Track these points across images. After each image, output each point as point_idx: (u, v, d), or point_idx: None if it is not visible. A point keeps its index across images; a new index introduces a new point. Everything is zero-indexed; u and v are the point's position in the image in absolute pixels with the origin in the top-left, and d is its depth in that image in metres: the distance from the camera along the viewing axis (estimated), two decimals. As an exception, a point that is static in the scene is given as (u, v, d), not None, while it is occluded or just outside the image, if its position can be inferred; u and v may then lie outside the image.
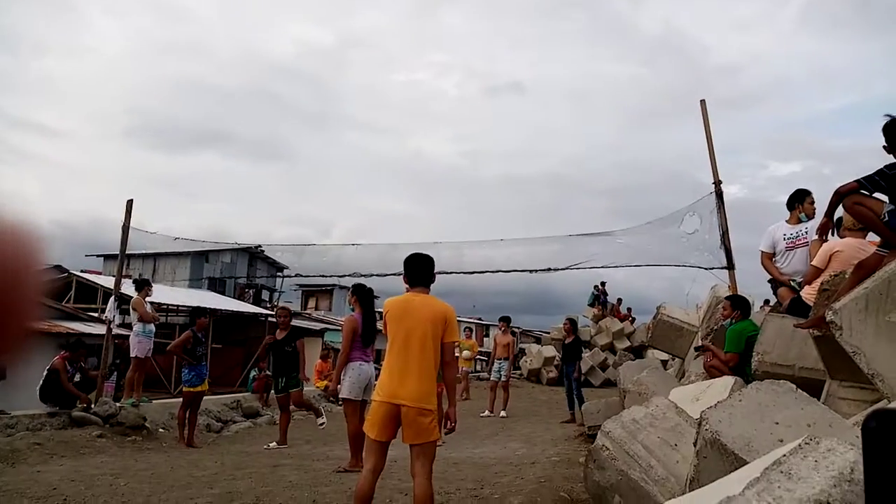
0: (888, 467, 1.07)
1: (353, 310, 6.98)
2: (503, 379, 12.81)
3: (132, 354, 9.84)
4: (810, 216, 6.17)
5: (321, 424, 8.46)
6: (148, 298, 10.23)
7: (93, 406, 8.97)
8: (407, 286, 4.15)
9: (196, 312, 9.38)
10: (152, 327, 9.95)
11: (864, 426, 1.13)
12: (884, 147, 3.82)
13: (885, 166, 3.78)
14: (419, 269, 4.13)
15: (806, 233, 6.01)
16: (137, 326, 9.89)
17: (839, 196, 3.92)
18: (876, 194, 3.81)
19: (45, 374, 8.63)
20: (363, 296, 6.95)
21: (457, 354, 11.46)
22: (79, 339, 10.16)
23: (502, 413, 12.38)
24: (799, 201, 6.28)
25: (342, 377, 6.69)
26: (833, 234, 4.64)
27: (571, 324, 12.29)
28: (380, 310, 7.48)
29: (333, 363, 11.63)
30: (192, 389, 8.55)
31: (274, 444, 8.45)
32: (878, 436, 1.09)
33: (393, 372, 3.82)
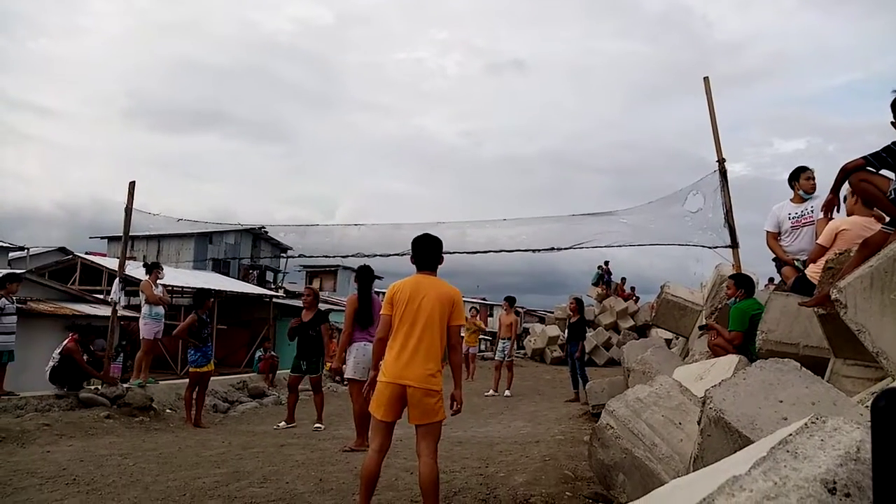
0: None
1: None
2: (507, 359, 12.86)
3: (141, 336, 9.92)
4: (808, 192, 6.13)
5: (316, 429, 8.28)
6: (159, 281, 10.29)
7: (100, 388, 9.05)
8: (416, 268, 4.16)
9: (201, 295, 9.41)
10: (160, 310, 10.01)
11: (874, 406, 1.12)
12: (891, 123, 3.78)
13: (893, 143, 3.74)
14: (427, 252, 4.14)
15: (812, 211, 5.98)
16: (145, 309, 9.95)
17: (845, 173, 3.89)
18: (882, 171, 3.78)
19: (58, 356, 8.68)
20: (359, 276, 7.05)
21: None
22: (89, 324, 10.23)
23: (506, 392, 12.45)
24: (795, 179, 6.26)
25: (347, 357, 6.72)
26: (838, 212, 4.61)
27: (578, 303, 12.23)
28: (380, 290, 7.49)
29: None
30: (197, 370, 8.61)
31: (283, 423, 8.50)
32: (888, 415, 1.09)
33: (399, 353, 3.86)
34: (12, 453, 6.32)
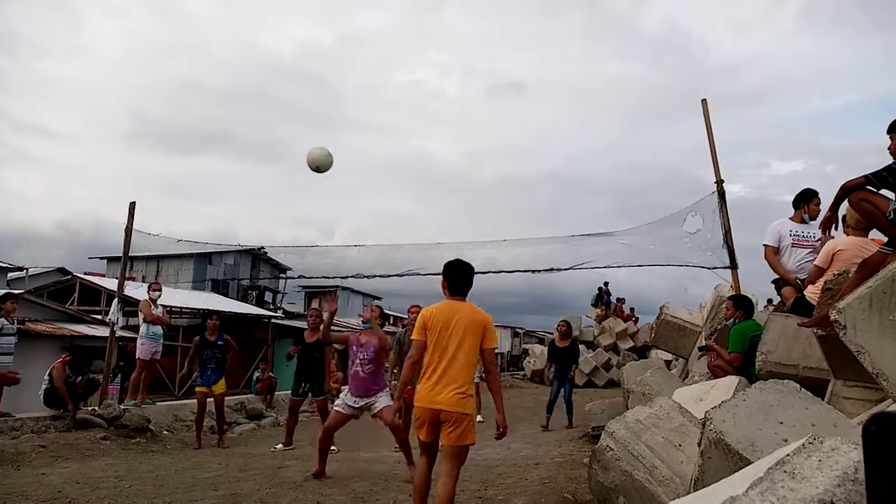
0: (890, 471, 1.06)
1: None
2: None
3: (137, 356, 9.87)
4: (814, 217, 6.13)
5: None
6: (159, 301, 10.26)
7: (97, 409, 8.99)
8: (446, 293, 4.19)
9: (205, 317, 9.48)
10: (158, 329, 9.96)
11: (865, 430, 1.12)
12: (888, 148, 3.82)
13: (893, 163, 3.76)
14: (460, 278, 4.18)
15: (814, 237, 5.96)
16: (143, 328, 9.91)
17: (845, 191, 3.90)
18: (882, 191, 3.79)
19: (47, 378, 8.63)
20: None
21: None
22: (79, 345, 10.15)
23: (478, 418, 12.12)
24: (805, 201, 6.23)
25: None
26: (836, 230, 4.62)
27: (569, 327, 11.89)
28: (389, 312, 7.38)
29: (337, 365, 11.51)
30: (197, 389, 8.79)
31: (280, 445, 8.43)
32: (879, 439, 1.09)
33: (430, 378, 3.95)
34: (7, 475, 6.26)
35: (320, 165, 7.26)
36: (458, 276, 4.18)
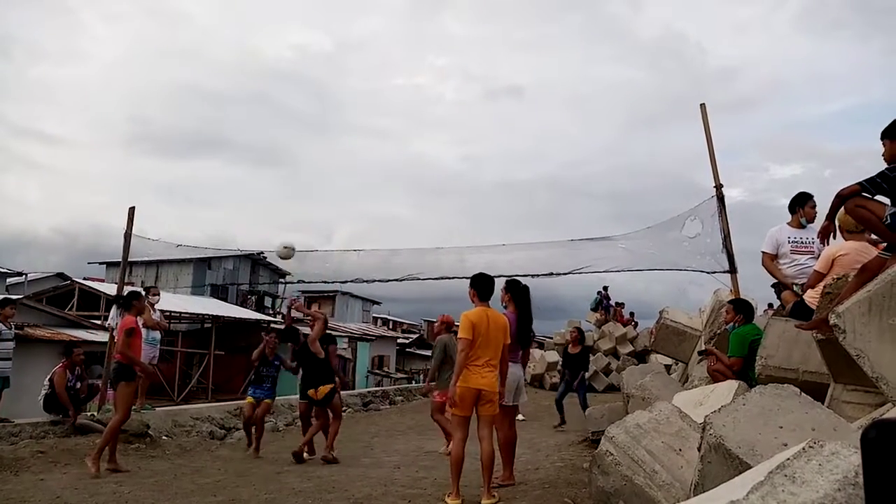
0: (888, 478, 1.06)
1: (505, 307, 6.09)
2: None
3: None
4: (810, 220, 6.15)
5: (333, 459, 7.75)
6: (157, 305, 10.24)
7: (96, 414, 8.97)
8: (475, 300, 5.31)
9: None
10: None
11: (864, 437, 1.12)
12: (882, 154, 3.84)
13: (887, 168, 3.77)
14: (487, 287, 5.38)
15: (812, 241, 5.98)
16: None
17: (841, 199, 3.91)
18: (878, 197, 3.80)
19: (47, 384, 8.61)
20: (519, 293, 6.11)
21: None
22: (71, 341, 10.11)
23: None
24: (800, 205, 6.27)
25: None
26: (835, 238, 4.63)
27: (580, 333, 11.90)
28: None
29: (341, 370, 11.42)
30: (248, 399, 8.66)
31: (306, 455, 7.92)
32: (878, 446, 1.09)
33: (478, 366, 5.09)
34: (5, 481, 6.25)
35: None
36: (484, 286, 5.36)
